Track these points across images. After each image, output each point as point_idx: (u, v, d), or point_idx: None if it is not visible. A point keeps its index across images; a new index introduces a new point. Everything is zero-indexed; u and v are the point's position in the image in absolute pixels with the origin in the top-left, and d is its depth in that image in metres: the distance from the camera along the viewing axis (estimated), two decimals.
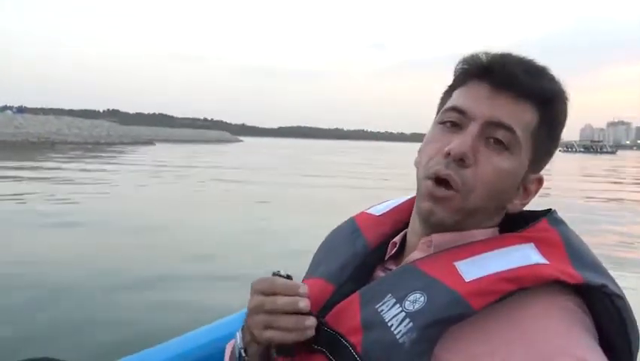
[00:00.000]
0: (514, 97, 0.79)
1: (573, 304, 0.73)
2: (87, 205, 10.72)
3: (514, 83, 0.79)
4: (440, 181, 0.79)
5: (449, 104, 0.84)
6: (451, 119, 0.82)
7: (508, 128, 0.78)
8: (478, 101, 0.80)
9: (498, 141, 0.79)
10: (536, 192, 0.86)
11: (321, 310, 0.82)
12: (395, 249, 0.90)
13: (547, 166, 0.87)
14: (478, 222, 0.82)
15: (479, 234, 0.82)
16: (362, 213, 1.01)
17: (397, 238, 0.91)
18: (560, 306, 0.72)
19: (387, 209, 0.98)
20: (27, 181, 14.74)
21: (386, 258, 0.90)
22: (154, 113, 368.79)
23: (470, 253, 0.77)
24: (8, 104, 67.70)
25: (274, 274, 0.78)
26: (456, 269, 0.74)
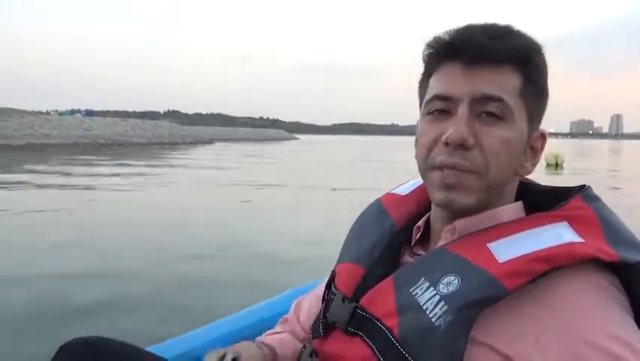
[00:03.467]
0: (489, 66, 0.77)
1: (608, 282, 0.71)
2: None
3: (484, 52, 0.77)
4: (448, 169, 0.77)
5: (430, 93, 0.81)
6: (437, 107, 0.80)
7: (496, 99, 0.77)
8: (456, 82, 0.78)
9: (490, 114, 0.77)
10: (542, 147, 0.84)
11: (355, 293, 0.84)
12: (420, 233, 0.89)
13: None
14: (497, 196, 0.80)
15: (503, 211, 0.81)
16: (388, 194, 1.01)
17: (421, 222, 0.90)
18: (595, 284, 0.70)
19: (412, 188, 0.98)
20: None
21: (412, 243, 0.90)
22: (212, 113, 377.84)
23: (503, 233, 0.75)
24: (76, 108, 70.78)
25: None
26: (489, 250, 0.73)
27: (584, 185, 0.81)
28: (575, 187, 0.82)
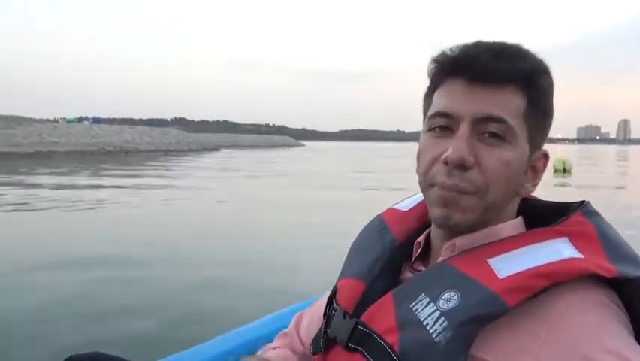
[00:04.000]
0: (493, 86, 0.77)
1: (608, 298, 0.71)
2: None
3: (489, 71, 0.76)
4: (448, 188, 0.77)
5: (432, 110, 0.81)
6: (439, 123, 0.80)
7: (499, 120, 0.76)
8: (459, 100, 0.78)
9: (492, 134, 0.77)
10: (544, 167, 0.84)
11: (355, 309, 0.84)
12: (420, 249, 0.89)
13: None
14: (496, 216, 0.80)
15: (503, 228, 0.81)
16: (389, 209, 1.01)
17: (421, 238, 0.90)
18: (595, 301, 0.70)
19: (414, 204, 0.98)
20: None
21: (413, 259, 0.89)
22: (218, 120, 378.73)
23: (503, 249, 0.75)
24: (83, 115, 71.23)
25: None
26: (489, 266, 0.73)
27: (584, 200, 0.81)
28: (575, 203, 0.82)
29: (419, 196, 0.96)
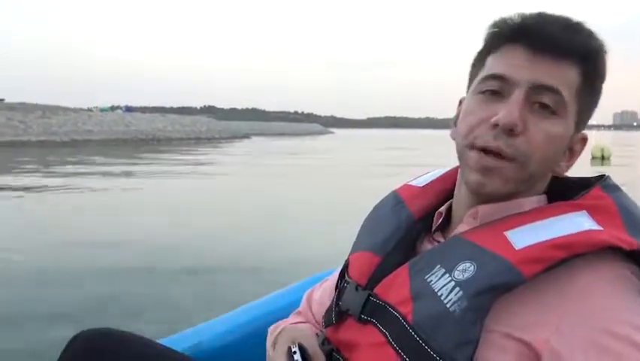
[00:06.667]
0: (554, 57, 0.75)
1: (628, 271, 0.70)
2: None
3: (553, 42, 0.75)
4: (489, 152, 0.75)
5: (487, 71, 0.79)
6: (492, 87, 0.78)
7: (555, 91, 0.75)
8: (518, 65, 0.76)
9: (543, 106, 0.75)
10: (581, 151, 0.84)
11: (369, 282, 0.83)
12: (441, 219, 0.88)
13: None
14: (528, 189, 0.80)
15: (527, 202, 0.80)
16: (404, 185, 0.99)
17: (443, 208, 0.89)
18: (615, 273, 0.69)
19: (430, 180, 0.96)
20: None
21: (433, 229, 0.89)
22: (247, 108, 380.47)
23: (521, 222, 0.75)
24: (115, 104, 72.35)
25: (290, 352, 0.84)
26: (506, 238, 0.72)
27: (604, 175, 0.81)
28: (594, 177, 0.81)
29: (436, 172, 0.97)
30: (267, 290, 1.48)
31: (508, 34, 0.78)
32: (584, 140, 0.83)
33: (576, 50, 0.76)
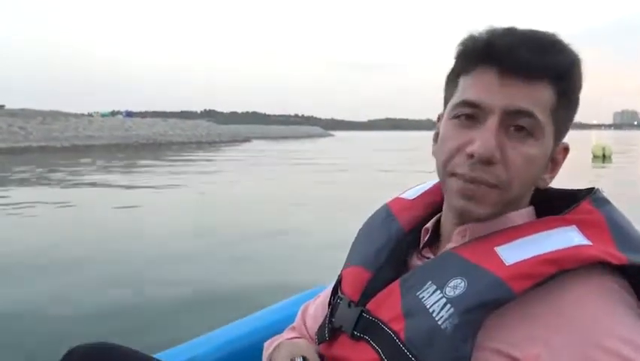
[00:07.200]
0: (527, 80, 0.74)
1: (618, 285, 0.70)
2: None
3: (525, 65, 0.73)
4: (468, 180, 0.75)
5: (459, 97, 0.78)
6: (465, 112, 0.77)
7: (529, 114, 0.74)
8: (490, 90, 0.75)
9: (519, 128, 0.75)
10: (564, 159, 0.83)
11: (361, 298, 0.83)
12: (428, 235, 0.88)
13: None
14: (514, 207, 0.80)
15: (516, 215, 0.80)
16: (395, 198, 1.00)
17: (430, 224, 0.89)
18: (604, 287, 0.69)
19: (420, 192, 0.97)
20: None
21: (421, 245, 0.89)
22: (247, 112, 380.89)
23: (510, 237, 0.75)
24: (116, 109, 72.52)
25: None
26: (496, 254, 0.73)
27: (593, 188, 0.80)
28: (584, 190, 0.81)
29: (425, 185, 0.98)
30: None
31: (478, 56, 0.76)
32: (566, 149, 0.83)
33: (549, 70, 0.74)
